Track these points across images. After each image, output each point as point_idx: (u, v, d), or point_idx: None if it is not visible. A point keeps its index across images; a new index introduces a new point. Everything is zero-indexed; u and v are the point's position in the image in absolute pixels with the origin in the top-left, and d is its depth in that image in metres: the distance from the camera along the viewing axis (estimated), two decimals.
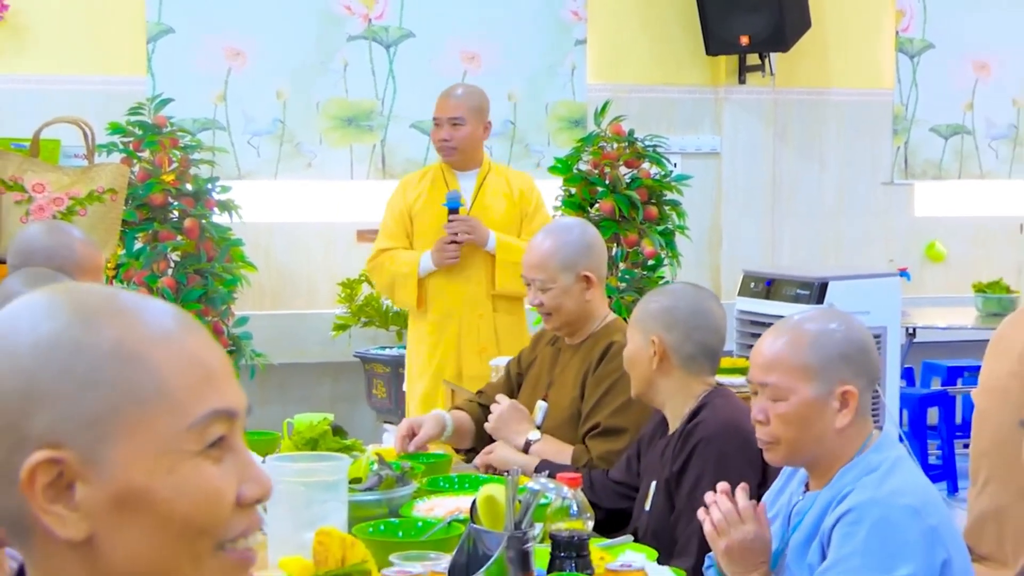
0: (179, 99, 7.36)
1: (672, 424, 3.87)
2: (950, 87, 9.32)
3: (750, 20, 8.29)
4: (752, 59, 8.61)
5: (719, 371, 4.05)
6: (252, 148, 8.10)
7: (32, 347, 1.31)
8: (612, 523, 3.82)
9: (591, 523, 3.12)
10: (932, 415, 8.33)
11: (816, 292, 6.33)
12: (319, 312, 7.99)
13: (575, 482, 3.19)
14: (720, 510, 3.08)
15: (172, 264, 6.96)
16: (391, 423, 7.03)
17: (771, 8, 8.25)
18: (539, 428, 4.45)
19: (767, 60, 8.60)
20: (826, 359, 3.10)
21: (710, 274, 8.50)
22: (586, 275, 4.40)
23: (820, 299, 6.23)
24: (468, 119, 6.12)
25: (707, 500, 3.17)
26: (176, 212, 7.02)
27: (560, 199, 7.44)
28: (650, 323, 3.85)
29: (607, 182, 7.36)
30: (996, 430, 4.31)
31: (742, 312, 6.65)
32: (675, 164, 7.79)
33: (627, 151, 7.43)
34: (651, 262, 7.36)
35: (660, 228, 7.38)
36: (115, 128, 6.98)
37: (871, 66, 9.11)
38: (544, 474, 3.27)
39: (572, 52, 8.55)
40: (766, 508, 3.35)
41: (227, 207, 7.17)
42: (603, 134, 7.46)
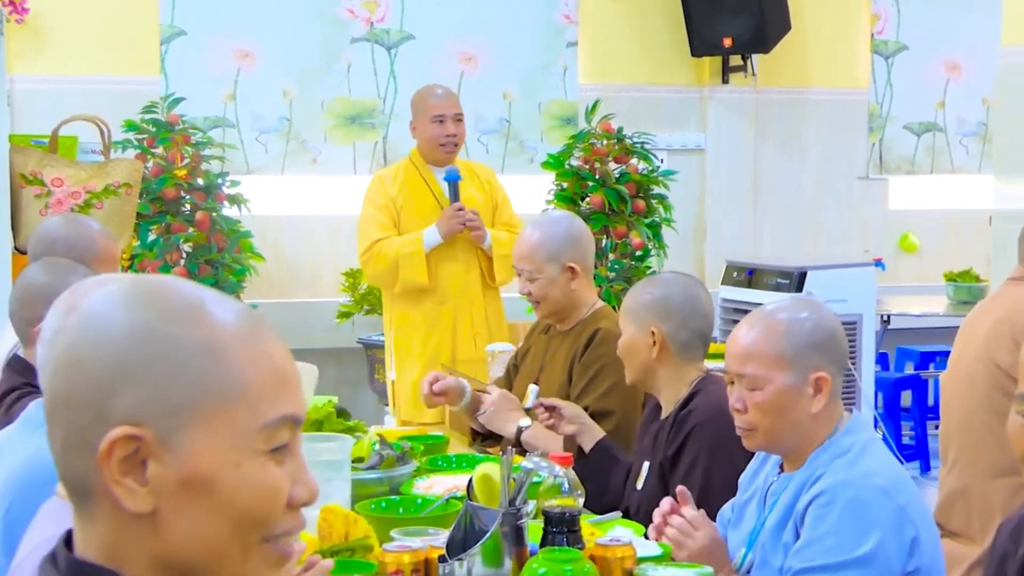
0: (191, 98, 7.36)
1: (666, 408, 3.86)
2: (922, 86, 9.33)
3: (733, 23, 8.29)
4: (735, 60, 8.61)
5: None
6: (260, 145, 8.09)
7: (129, 331, 1.34)
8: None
9: (582, 500, 3.12)
10: (906, 398, 8.34)
11: (795, 281, 6.32)
12: (324, 300, 7.99)
13: (566, 461, 3.19)
14: (674, 525, 3.08)
15: (184, 255, 6.96)
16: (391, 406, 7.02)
17: (753, 12, 8.24)
18: (529, 411, 4.46)
19: (749, 61, 8.60)
20: (799, 348, 3.09)
21: (695, 264, 8.49)
22: (571, 266, 4.41)
23: (799, 288, 6.22)
24: (463, 115, 6.14)
25: (656, 517, 3.17)
26: (188, 205, 7.02)
27: (553, 193, 7.45)
28: (645, 314, 3.81)
29: (597, 177, 7.37)
30: (963, 413, 4.31)
31: (725, 300, 6.64)
32: (662, 160, 7.79)
33: (616, 148, 7.43)
34: (639, 253, 7.37)
35: (647, 221, 7.38)
36: (130, 125, 6.98)
37: (848, 67, 9.10)
38: (538, 453, 3.27)
39: (564, 54, 8.55)
40: (741, 489, 3.36)
41: (236, 201, 7.17)
42: (593, 131, 7.46)
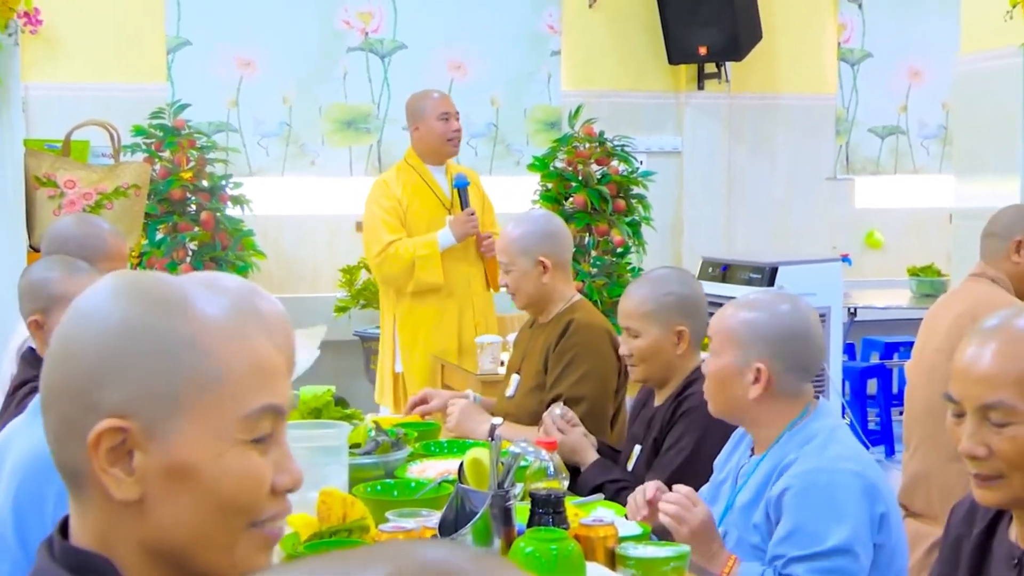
0: (196, 104, 7.35)
1: (660, 396, 3.85)
2: (886, 92, 9.34)
3: (708, 33, 8.29)
4: (709, 67, 8.60)
5: None
6: (261, 148, 8.08)
7: (117, 326, 1.34)
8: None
9: (566, 483, 3.13)
10: (871, 386, 8.35)
11: (767, 276, 6.32)
12: (322, 295, 7.98)
13: (552, 446, 3.19)
14: (672, 502, 2.99)
15: (190, 253, 6.96)
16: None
17: (726, 22, 8.25)
18: (511, 398, 4.47)
19: (723, 68, 8.59)
20: (750, 335, 3.11)
21: (672, 260, 8.49)
22: (543, 260, 4.41)
23: (771, 282, 6.22)
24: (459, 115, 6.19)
25: (639, 497, 3.14)
26: (193, 206, 7.01)
27: (538, 194, 7.45)
28: (669, 315, 3.77)
29: (580, 178, 7.37)
30: (925, 401, 4.34)
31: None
32: (641, 162, 7.79)
33: (598, 150, 7.43)
34: (620, 250, 7.37)
35: (628, 219, 7.39)
36: (138, 130, 6.97)
37: (816, 73, 9.11)
38: (523, 442, 3.27)
39: (548, 62, 8.54)
40: (716, 471, 3.36)
41: (239, 201, 7.17)
42: (576, 135, 7.46)
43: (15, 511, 2.46)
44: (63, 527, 1.40)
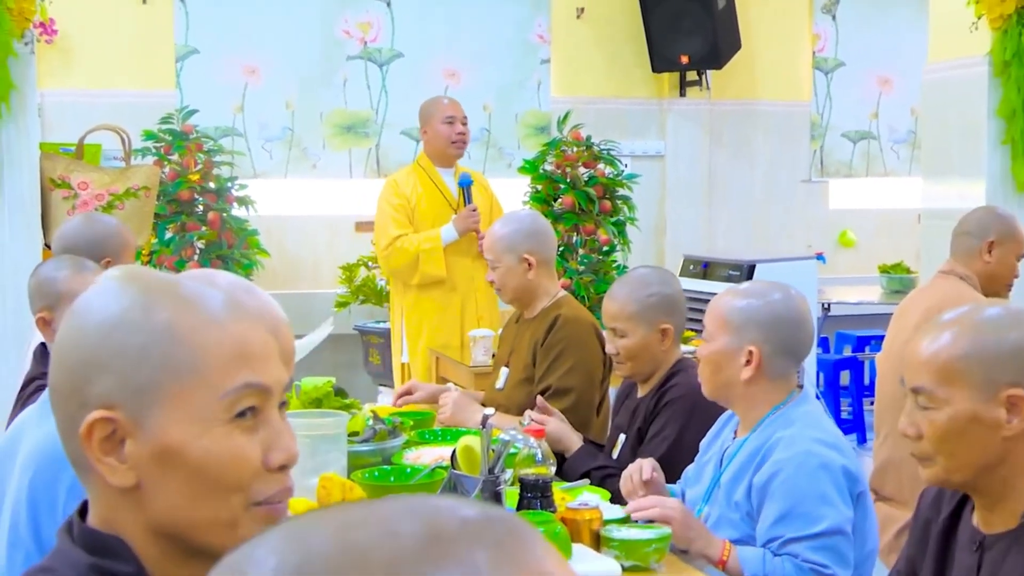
0: (203, 110, 7.35)
1: (643, 388, 3.85)
2: (858, 99, 9.35)
3: (689, 42, 8.29)
4: (691, 75, 8.60)
5: None
6: (265, 152, 8.07)
7: (98, 325, 1.35)
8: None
9: (554, 468, 3.13)
10: (844, 377, 8.36)
11: (745, 273, 6.33)
12: (323, 291, 7.97)
13: (540, 434, 3.19)
14: (644, 508, 2.97)
15: (198, 251, 6.95)
16: (385, 386, 7.03)
17: (707, 32, 8.25)
18: (500, 390, 4.47)
19: (704, 76, 8.59)
20: (743, 320, 3.12)
21: (655, 259, 8.49)
22: (527, 258, 4.41)
23: (749, 279, 6.22)
24: (467, 120, 6.21)
25: (629, 482, 3.15)
26: (201, 206, 7.01)
27: (528, 195, 7.44)
28: (654, 314, 3.77)
29: (568, 180, 7.36)
30: (894, 392, 4.34)
31: (683, 290, 6.63)
32: (626, 165, 7.79)
33: (585, 154, 7.42)
34: (606, 248, 7.36)
35: (613, 219, 7.38)
36: (148, 135, 6.96)
37: (792, 81, 9.11)
38: (513, 430, 3.26)
39: (538, 70, 8.54)
40: (701, 452, 3.37)
41: (244, 202, 7.16)
42: (565, 140, 7.45)
43: (29, 504, 2.45)
44: (83, 511, 1.41)
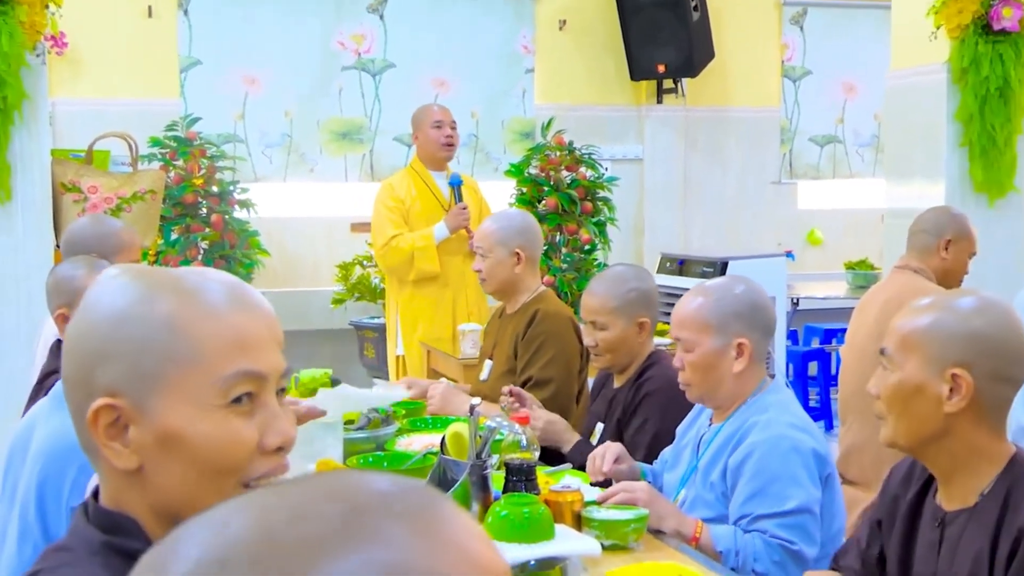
0: (206, 118, 7.34)
1: (619, 379, 3.86)
2: (825, 105, 9.37)
3: (665, 52, 8.30)
4: (667, 83, 8.62)
5: None
6: (265, 157, 8.06)
7: (106, 317, 1.36)
8: (555, 455, 3.84)
9: (538, 453, 3.14)
10: (812, 368, 8.38)
11: (719, 270, 6.35)
12: (321, 289, 7.98)
13: (525, 420, 3.20)
14: (611, 495, 2.96)
15: (202, 251, 6.95)
16: (379, 378, 7.03)
17: (682, 42, 8.26)
18: (484, 382, 4.48)
19: (679, 84, 8.61)
20: (723, 317, 3.12)
21: (634, 257, 8.51)
22: (517, 252, 4.43)
23: (722, 275, 6.23)
24: (456, 124, 6.21)
25: (603, 467, 3.17)
26: (204, 209, 7.00)
27: (514, 197, 7.45)
28: (633, 308, 3.80)
29: (551, 183, 7.38)
30: (857, 381, 4.36)
31: (660, 286, 6.57)
32: (606, 168, 7.80)
33: (567, 158, 7.44)
34: (587, 247, 7.38)
35: (594, 220, 7.40)
36: (154, 141, 6.96)
37: (762, 89, 9.13)
38: (499, 417, 3.28)
39: (523, 79, 8.55)
40: (678, 438, 3.38)
41: (246, 205, 7.16)
42: (548, 144, 7.47)
43: (37, 497, 2.45)
44: (96, 493, 1.42)
